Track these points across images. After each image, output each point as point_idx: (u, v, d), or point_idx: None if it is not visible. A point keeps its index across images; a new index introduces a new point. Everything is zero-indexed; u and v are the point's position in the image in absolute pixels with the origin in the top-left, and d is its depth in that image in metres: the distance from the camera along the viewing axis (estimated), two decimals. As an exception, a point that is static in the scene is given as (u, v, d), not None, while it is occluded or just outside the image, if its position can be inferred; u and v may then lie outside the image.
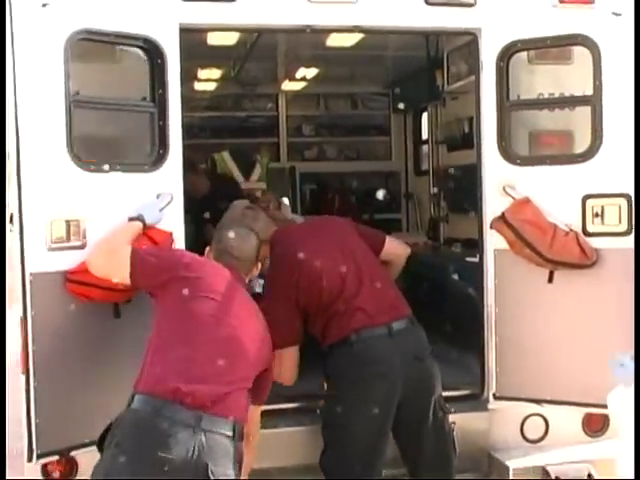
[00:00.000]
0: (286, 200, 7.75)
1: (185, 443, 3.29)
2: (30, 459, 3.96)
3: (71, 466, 4.19)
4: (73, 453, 4.09)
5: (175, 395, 3.35)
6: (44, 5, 3.89)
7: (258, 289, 5.07)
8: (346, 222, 4.76)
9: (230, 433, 3.41)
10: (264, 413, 4.03)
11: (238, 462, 3.48)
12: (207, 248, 4.02)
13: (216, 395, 3.41)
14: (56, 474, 4.17)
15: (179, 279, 3.64)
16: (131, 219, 4.04)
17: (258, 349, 3.67)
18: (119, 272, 3.76)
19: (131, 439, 3.35)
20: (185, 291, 3.60)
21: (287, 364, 4.24)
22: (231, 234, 3.99)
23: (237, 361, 3.55)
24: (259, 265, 4.04)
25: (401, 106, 8.63)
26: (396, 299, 4.35)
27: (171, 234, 4.17)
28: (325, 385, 4.33)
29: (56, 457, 4.09)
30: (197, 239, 5.86)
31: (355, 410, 4.10)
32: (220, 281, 3.72)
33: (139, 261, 3.72)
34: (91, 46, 4.12)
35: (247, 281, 4.02)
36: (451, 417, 4.39)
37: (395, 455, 4.33)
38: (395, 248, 4.69)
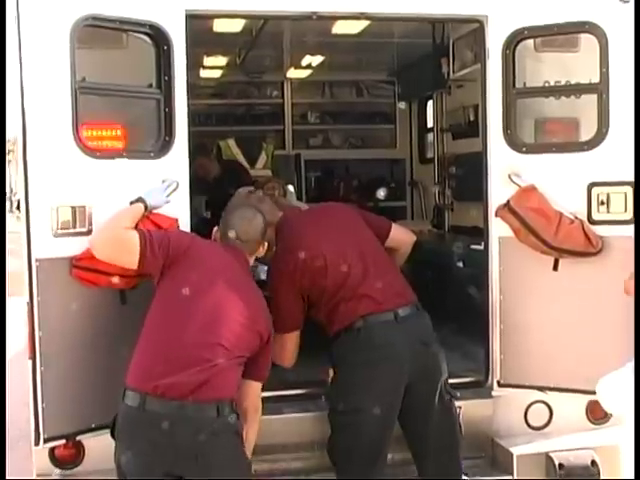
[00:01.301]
0: (291, 187, 7.74)
1: (171, 434, 3.44)
2: (37, 443, 3.98)
3: (78, 450, 4.23)
4: (80, 437, 4.12)
5: (156, 390, 3.49)
6: (50, -9, 3.90)
7: (263, 276, 5.07)
8: (351, 209, 4.73)
9: (214, 414, 3.52)
10: (270, 399, 4.05)
11: (235, 433, 3.63)
12: (214, 229, 4.09)
13: (196, 383, 3.50)
14: (63, 458, 4.21)
15: (173, 267, 3.74)
16: (132, 202, 4.03)
17: (247, 328, 3.71)
18: (127, 257, 3.80)
19: (124, 433, 3.56)
20: (176, 282, 3.69)
21: (287, 348, 4.27)
22: (236, 215, 4.05)
23: (218, 345, 3.59)
24: (266, 244, 4.07)
25: (402, 105, 8.63)
26: (401, 286, 4.35)
27: (177, 220, 4.16)
28: (331, 371, 4.33)
29: (63, 441, 4.11)
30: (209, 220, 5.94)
31: (362, 395, 4.11)
32: (211, 262, 3.81)
33: (149, 247, 3.75)
34: (97, 32, 4.11)
35: (253, 261, 4.09)
36: (456, 403, 4.40)
37: (399, 434, 4.33)
38: (401, 235, 4.68)
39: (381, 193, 8.57)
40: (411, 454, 4.38)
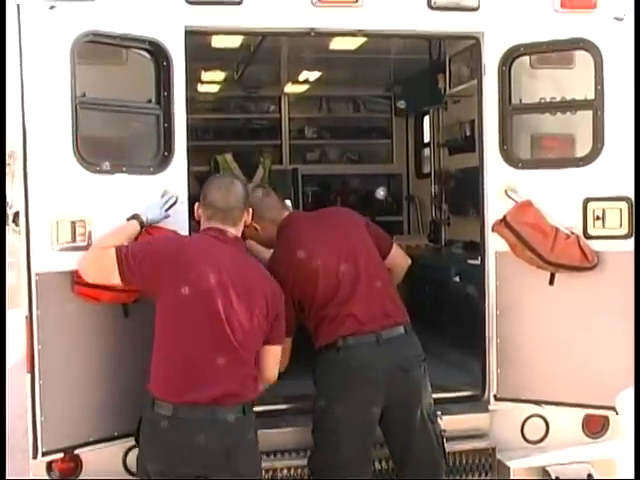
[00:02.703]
0: (288, 202, 7.76)
1: (203, 438, 3.58)
2: (35, 456, 3.98)
3: (76, 464, 4.22)
4: (78, 451, 4.12)
5: (187, 400, 3.60)
6: (51, 7, 3.92)
7: None
8: (357, 218, 4.60)
9: (241, 415, 3.67)
10: (264, 413, 4.07)
11: (255, 431, 3.79)
12: (196, 204, 4.02)
13: (222, 389, 3.63)
14: (61, 471, 4.21)
15: (168, 278, 3.71)
16: (129, 219, 4.05)
17: (256, 320, 3.76)
18: (109, 276, 3.81)
19: (154, 440, 3.66)
20: (175, 290, 3.67)
21: (282, 354, 4.19)
22: (214, 186, 3.98)
23: (233, 348, 3.67)
24: (250, 211, 4.01)
25: (402, 105, 8.56)
26: (391, 306, 4.30)
27: (175, 232, 4.14)
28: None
29: (61, 455, 4.10)
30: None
31: (338, 415, 4.12)
32: (208, 263, 3.75)
33: (124, 262, 3.74)
34: (97, 48, 4.14)
35: (240, 231, 4.01)
36: (453, 418, 4.41)
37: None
38: (398, 258, 4.60)
39: (380, 193, 8.46)
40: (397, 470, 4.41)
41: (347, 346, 4.14)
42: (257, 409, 3.85)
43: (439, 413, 4.40)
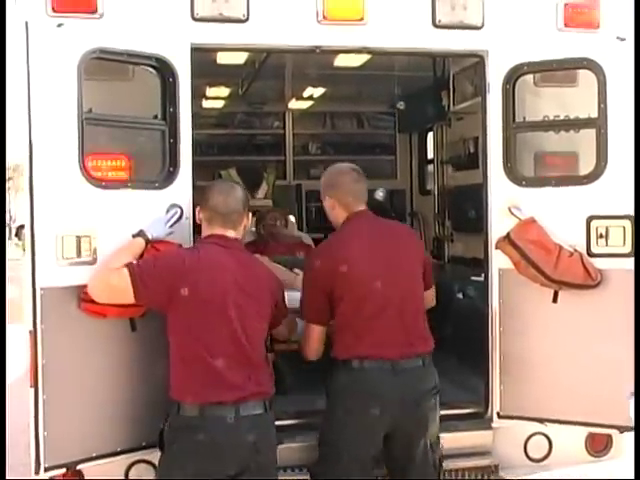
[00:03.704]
0: (292, 218, 7.80)
1: (231, 433, 3.77)
2: (37, 472, 3.98)
3: (78, 479, 4.20)
4: (80, 466, 4.11)
5: (211, 400, 3.77)
6: (59, 25, 3.95)
7: None
8: (417, 243, 4.61)
9: (262, 410, 3.86)
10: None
11: (274, 423, 3.98)
12: (197, 208, 4.13)
13: (244, 392, 3.81)
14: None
15: (180, 291, 3.80)
16: (134, 236, 4.07)
17: (264, 320, 4.00)
18: (123, 296, 3.85)
19: (181, 441, 3.79)
20: (188, 301, 3.80)
21: (309, 338, 4.29)
22: (214, 191, 4.09)
23: (250, 350, 3.88)
24: (250, 215, 4.17)
25: (401, 105, 8.42)
26: (416, 335, 4.23)
27: (180, 245, 4.16)
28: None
29: (63, 470, 4.09)
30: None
31: (344, 433, 4.13)
32: (217, 271, 3.90)
33: (139, 282, 3.79)
34: (104, 64, 4.17)
35: (242, 234, 4.15)
36: (456, 435, 4.41)
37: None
38: (428, 297, 4.50)
39: (379, 194, 8.12)
40: None
41: (362, 368, 4.11)
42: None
43: (441, 436, 4.38)
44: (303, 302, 4.31)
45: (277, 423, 4.37)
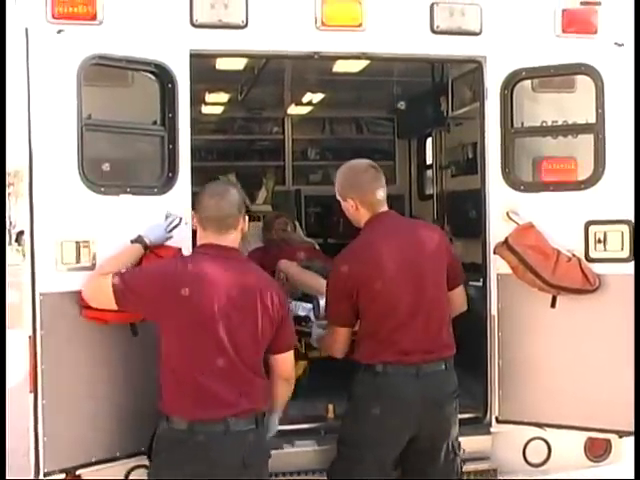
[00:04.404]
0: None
1: (219, 447, 3.65)
2: (37, 476, 3.99)
3: (77, 484, 4.23)
4: (79, 472, 4.11)
5: (200, 417, 3.65)
6: (59, 32, 3.97)
7: (301, 312, 5.22)
8: (442, 244, 4.36)
9: (254, 425, 3.73)
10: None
11: (265, 438, 3.88)
12: (192, 213, 4.01)
13: (235, 405, 3.68)
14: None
15: (167, 305, 3.69)
16: (132, 241, 4.07)
17: (260, 337, 3.77)
18: (109, 303, 3.82)
19: (171, 455, 3.69)
20: (176, 317, 3.66)
21: (335, 339, 4.26)
22: (207, 193, 3.89)
23: (242, 367, 3.70)
24: (246, 218, 3.94)
25: (401, 105, 8.33)
26: (439, 341, 4.19)
27: (180, 250, 4.15)
28: (331, 407, 4.43)
29: (62, 475, 4.09)
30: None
31: (365, 435, 4.11)
32: (206, 286, 3.69)
33: (120, 293, 3.74)
34: (104, 71, 4.19)
35: (239, 239, 3.93)
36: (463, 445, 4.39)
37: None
38: (457, 298, 4.40)
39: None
40: None
41: (386, 373, 4.07)
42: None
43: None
44: (328, 305, 4.28)
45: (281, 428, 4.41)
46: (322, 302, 4.74)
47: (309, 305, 5.25)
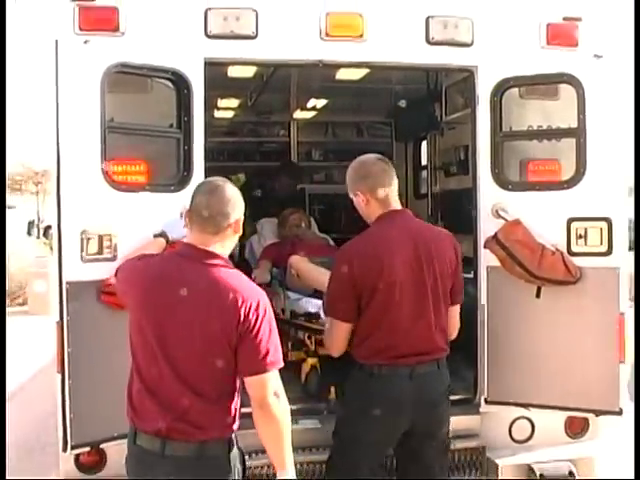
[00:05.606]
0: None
1: (154, 470, 3.14)
2: (65, 449, 4.06)
3: (100, 457, 4.30)
4: (103, 445, 4.19)
5: (141, 427, 3.22)
6: (85, 42, 4.04)
7: (312, 309, 5.08)
8: (452, 252, 4.04)
9: (194, 454, 3.10)
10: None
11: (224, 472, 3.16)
12: (184, 211, 3.42)
13: (166, 424, 3.11)
14: (86, 464, 4.29)
15: (130, 303, 3.32)
16: (155, 236, 4.09)
17: (208, 356, 3.10)
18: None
19: (128, 466, 3.34)
20: (134, 317, 3.27)
21: (333, 334, 3.98)
22: (200, 189, 3.34)
23: (183, 382, 3.11)
24: (241, 219, 3.33)
25: (402, 104, 8.13)
26: (435, 343, 3.95)
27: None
28: (332, 389, 4.34)
29: (87, 448, 4.18)
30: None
31: (359, 430, 3.96)
32: (164, 289, 3.18)
33: (116, 285, 3.54)
34: (125, 78, 4.24)
35: (226, 243, 3.28)
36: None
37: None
38: (453, 320, 4.13)
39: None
40: None
41: (380, 375, 3.86)
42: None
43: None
44: (329, 298, 3.95)
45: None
46: None
47: (319, 302, 4.92)
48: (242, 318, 3.06)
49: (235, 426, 3.20)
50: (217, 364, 3.10)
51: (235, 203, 3.27)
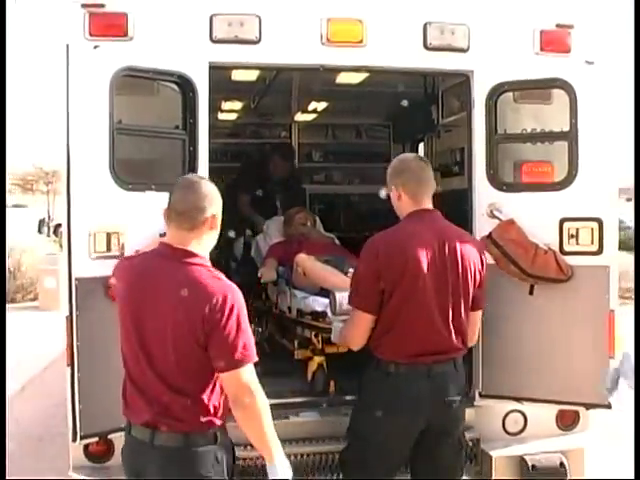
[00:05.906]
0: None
1: (146, 461, 3.21)
2: (75, 440, 4.10)
3: (108, 447, 4.35)
4: (111, 436, 4.22)
5: (132, 420, 3.30)
6: (95, 47, 4.09)
7: (318, 308, 5.02)
8: (477, 258, 3.98)
9: (182, 444, 3.12)
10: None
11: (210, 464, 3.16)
12: (164, 209, 3.31)
13: (153, 415, 3.16)
14: (95, 454, 4.34)
15: (118, 301, 3.33)
16: (162, 234, 4.14)
17: (178, 344, 3.09)
18: None
19: (123, 455, 3.44)
20: (120, 314, 3.28)
21: (355, 325, 3.91)
22: (178, 185, 3.29)
23: (162, 376, 3.13)
24: (219, 215, 3.27)
25: (404, 103, 8.08)
26: (453, 343, 3.89)
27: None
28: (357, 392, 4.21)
29: (96, 439, 4.23)
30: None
31: (375, 427, 3.89)
32: (143, 288, 3.18)
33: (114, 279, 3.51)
34: (133, 81, 4.29)
35: (203, 240, 3.22)
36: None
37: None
38: (473, 327, 4.09)
39: (382, 193, 8.20)
40: None
41: (398, 374, 3.81)
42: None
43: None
44: (354, 288, 3.87)
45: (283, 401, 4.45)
46: (339, 297, 4.51)
47: (326, 300, 4.90)
48: (207, 315, 3.01)
49: (218, 421, 3.17)
50: (190, 362, 3.08)
51: (212, 198, 3.22)
